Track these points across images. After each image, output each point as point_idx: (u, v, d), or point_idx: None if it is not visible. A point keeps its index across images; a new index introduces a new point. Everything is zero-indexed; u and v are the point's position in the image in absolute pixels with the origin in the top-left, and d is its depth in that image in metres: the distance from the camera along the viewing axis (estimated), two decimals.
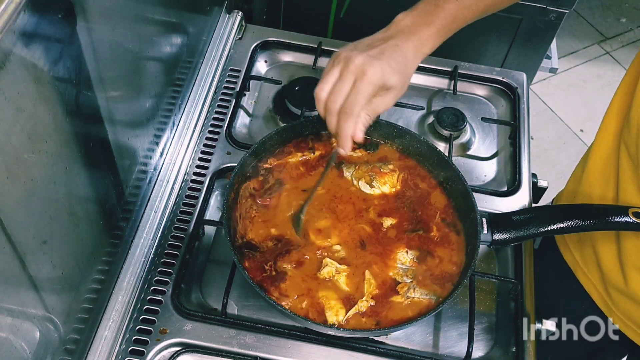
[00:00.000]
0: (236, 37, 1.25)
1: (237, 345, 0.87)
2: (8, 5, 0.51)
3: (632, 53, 2.74)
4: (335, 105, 0.78)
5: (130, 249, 0.93)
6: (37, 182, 0.62)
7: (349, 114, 0.77)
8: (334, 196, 0.95)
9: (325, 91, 0.79)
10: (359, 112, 0.78)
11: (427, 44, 0.81)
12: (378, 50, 0.77)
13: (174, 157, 1.05)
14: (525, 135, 1.15)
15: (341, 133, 0.79)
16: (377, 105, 0.79)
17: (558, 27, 1.37)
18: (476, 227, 0.88)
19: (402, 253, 0.89)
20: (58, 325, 0.73)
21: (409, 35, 0.80)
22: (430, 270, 0.89)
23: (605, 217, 0.84)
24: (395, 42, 0.79)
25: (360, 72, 0.76)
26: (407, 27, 0.80)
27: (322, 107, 0.80)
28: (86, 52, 0.68)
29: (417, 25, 0.80)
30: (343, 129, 0.79)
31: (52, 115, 0.63)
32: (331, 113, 0.79)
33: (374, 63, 0.75)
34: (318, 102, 0.80)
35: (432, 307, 0.85)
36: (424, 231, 0.92)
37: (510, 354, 0.90)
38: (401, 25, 0.81)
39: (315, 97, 0.81)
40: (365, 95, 0.76)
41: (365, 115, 0.79)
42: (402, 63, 0.78)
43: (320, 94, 0.79)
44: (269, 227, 0.91)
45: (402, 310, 0.85)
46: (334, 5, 1.42)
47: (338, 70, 0.78)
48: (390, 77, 0.77)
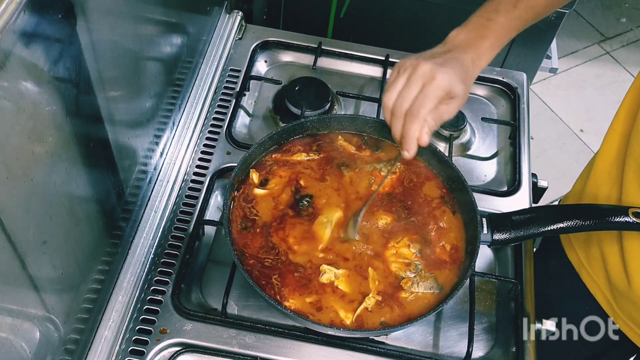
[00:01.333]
0: (236, 37, 1.25)
1: (237, 345, 0.87)
2: (8, 5, 0.51)
3: (632, 53, 2.76)
4: (401, 109, 0.79)
5: (130, 249, 0.93)
6: (37, 182, 0.62)
7: (415, 116, 0.78)
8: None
9: (393, 98, 0.80)
10: (425, 116, 0.78)
11: (483, 57, 0.83)
12: (442, 60, 0.79)
13: (174, 157, 1.05)
14: (525, 135, 1.15)
15: (406, 135, 0.79)
16: (443, 112, 0.80)
17: (558, 27, 1.37)
18: (476, 227, 0.88)
19: (404, 248, 0.90)
20: (58, 325, 0.73)
21: (466, 49, 0.81)
22: (433, 259, 0.89)
23: (605, 217, 0.84)
24: (455, 55, 0.80)
25: (429, 77, 0.77)
26: (463, 42, 0.82)
27: (389, 113, 0.81)
28: (86, 52, 0.68)
29: (472, 39, 0.82)
30: (409, 132, 0.79)
31: (52, 115, 0.63)
32: (397, 117, 0.80)
33: (442, 69, 0.77)
34: (385, 109, 0.81)
35: (438, 301, 0.85)
36: (418, 217, 0.92)
37: (510, 354, 0.91)
38: (456, 40, 0.83)
39: (382, 105, 0.82)
40: (434, 99, 0.77)
41: (431, 120, 0.79)
42: (464, 73, 0.80)
43: (388, 102, 0.80)
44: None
45: (409, 304, 0.85)
46: (334, 5, 1.42)
47: (405, 77, 0.79)
48: (456, 84, 0.78)
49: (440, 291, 0.86)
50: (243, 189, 0.93)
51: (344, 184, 0.96)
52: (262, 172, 0.96)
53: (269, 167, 0.96)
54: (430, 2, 1.37)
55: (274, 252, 0.88)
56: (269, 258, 0.87)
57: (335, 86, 1.19)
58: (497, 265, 1.02)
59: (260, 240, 0.89)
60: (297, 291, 0.85)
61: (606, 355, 1.06)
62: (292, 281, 0.85)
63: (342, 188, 0.95)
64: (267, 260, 0.87)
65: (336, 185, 0.95)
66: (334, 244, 0.90)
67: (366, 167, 0.97)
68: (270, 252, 0.88)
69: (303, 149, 0.99)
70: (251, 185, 0.94)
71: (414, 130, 0.78)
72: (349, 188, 0.95)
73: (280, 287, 0.85)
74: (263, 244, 0.89)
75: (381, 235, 0.91)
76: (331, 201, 0.94)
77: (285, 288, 0.85)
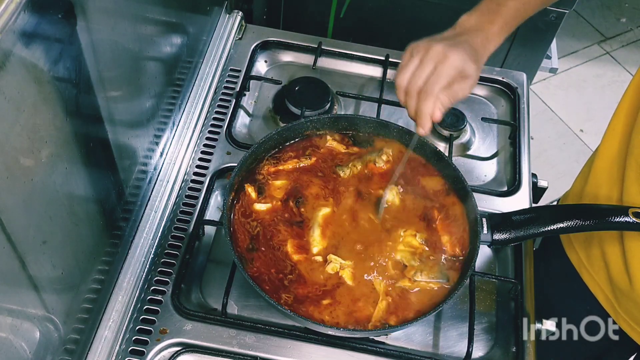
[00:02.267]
0: (236, 37, 1.25)
1: (237, 345, 0.87)
2: (8, 5, 0.51)
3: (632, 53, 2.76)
4: (415, 88, 0.80)
5: (130, 249, 0.93)
6: (37, 182, 0.62)
7: (429, 93, 0.79)
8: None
9: (407, 78, 0.81)
10: (439, 93, 0.79)
11: (492, 41, 0.84)
12: (453, 42, 0.81)
13: (174, 157, 1.05)
14: (525, 135, 1.15)
15: (420, 112, 0.80)
16: (456, 90, 0.81)
17: (558, 27, 1.37)
18: (476, 227, 0.88)
19: (409, 237, 0.90)
20: (58, 325, 0.73)
21: (476, 32, 0.83)
22: (438, 249, 0.90)
23: (605, 217, 0.84)
24: (465, 38, 0.82)
25: (442, 56, 0.78)
26: (473, 26, 0.84)
27: (403, 93, 0.82)
28: (86, 52, 0.68)
29: (481, 23, 0.84)
30: (422, 108, 0.80)
31: (52, 115, 0.63)
32: (411, 95, 0.81)
33: (454, 49, 0.79)
34: (399, 89, 0.82)
35: (442, 294, 0.86)
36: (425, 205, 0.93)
37: (510, 354, 0.91)
38: (466, 24, 0.85)
39: (396, 85, 0.83)
40: (447, 77, 0.79)
41: (445, 97, 0.80)
42: (475, 55, 0.81)
43: (402, 82, 0.81)
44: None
45: (418, 297, 0.86)
46: (334, 5, 1.42)
47: (418, 58, 0.80)
48: (469, 64, 0.79)
49: (446, 281, 0.87)
50: (241, 202, 0.93)
51: (341, 184, 0.96)
52: (258, 184, 0.95)
53: (264, 179, 0.95)
54: (430, 2, 1.37)
55: (285, 269, 0.88)
56: (282, 276, 0.87)
57: (335, 86, 1.19)
58: (497, 265, 1.02)
59: (270, 259, 0.89)
60: (312, 305, 0.85)
61: (606, 355, 1.06)
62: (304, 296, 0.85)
63: (338, 188, 0.95)
64: (283, 280, 0.87)
65: (332, 187, 0.95)
66: (331, 242, 0.90)
67: (359, 164, 0.97)
68: (282, 270, 0.88)
69: (295, 155, 0.98)
70: (250, 201, 0.93)
71: (428, 106, 0.79)
72: (347, 188, 0.95)
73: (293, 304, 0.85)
74: (273, 263, 0.88)
75: (389, 223, 0.92)
76: (326, 203, 0.93)
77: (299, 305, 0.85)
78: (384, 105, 1.13)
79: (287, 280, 0.86)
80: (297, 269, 0.87)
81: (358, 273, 0.87)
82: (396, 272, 0.88)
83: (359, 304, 0.85)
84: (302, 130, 1.00)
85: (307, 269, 0.87)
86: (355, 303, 0.85)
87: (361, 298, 0.86)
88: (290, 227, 0.91)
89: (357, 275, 0.87)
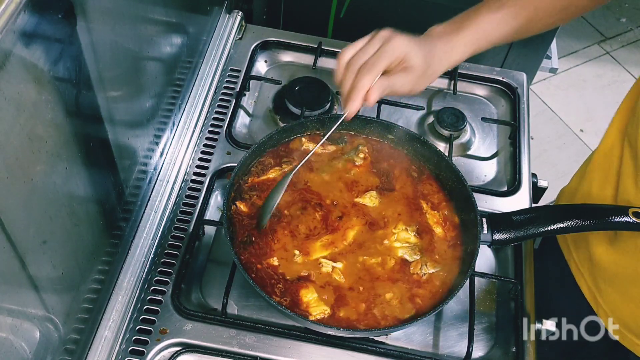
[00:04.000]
0: (236, 37, 1.25)
1: (237, 345, 0.87)
2: (8, 5, 0.51)
3: (632, 53, 2.76)
4: (357, 64, 0.81)
5: (130, 249, 0.93)
6: (37, 182, 0.62)
7: (369, 69, 0.80)
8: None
9: (351, 53, 0.82)
10: (379, 72, 0.80)
11: (455, 49, 0.86)
12: (412, 37, 0.83)
13: (174, 157, 1.05)
14: (525, 135, 1.15)
15: (356, 87, 0.80)
16: (396, 80, 0.82)
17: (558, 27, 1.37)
18: (476, 227, 0.88)
19: (402, 232, 0.91)
20: (58, 325, 0.73)
21: (440, 39, 0.86)
22: (431, 236, 0.91)
23: (605, 217, 0.84)
24: (426, 39, 0.85)
25: (388, 37, 0.80)
26: (438, 34, 0.87)
27: (342, 67, 0.82)
28: (86, 52, 0.68)
29: (447, 32, 0.86)
30: (359, 82, 0.80)
31: (52, 115, 0.63)
32: (351, 71, 0.81)
33: (402, 36, 0.81)
34: (340, 62, 0.83)
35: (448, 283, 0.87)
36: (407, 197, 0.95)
37: (510, 354, 0.91)
38: (433, 32, 0.87)
39: (337, 61, 0.83)
40: (389, 57, 0.79)
41: (383, 82, 0.81)
42: (429, 52, 0.83)
43: (344, 55, 0.82)
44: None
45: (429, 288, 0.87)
46: (334, 5, 1.42)
47: (366, 39, 0.82)
48: (414, 53, 0.81)
49: (449, 271, 0.88)
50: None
51: (323, 184, 0.96)
52: (250, 201, 0.93)
53: (250, 193, 0.94)
54: (430, 2, 1.36)
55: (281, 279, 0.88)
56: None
57: (335, 86, 1.19)
58: (497, 265, 1.02)
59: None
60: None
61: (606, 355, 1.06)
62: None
63: (323, 189, 0.96)
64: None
65: (318, 188, 0.95)
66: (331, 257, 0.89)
67: (338, 163, 0.98)
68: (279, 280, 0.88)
69: (274, 162, 0.97)
70: (244, 214, 0.92)
71: (365, 82, 0.80)
72: (331, 188, 0.96)
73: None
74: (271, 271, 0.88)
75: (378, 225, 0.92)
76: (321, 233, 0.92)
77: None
78: (384, 105, 1.13)
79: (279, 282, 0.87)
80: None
81: (350, 271, 0.88)
82: (402, 269, 0.88)
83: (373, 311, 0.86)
84: (302, 130, 1.00)
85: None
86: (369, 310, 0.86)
87: (367, 301, 0.86)
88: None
89: (350, 273, 0.88)
